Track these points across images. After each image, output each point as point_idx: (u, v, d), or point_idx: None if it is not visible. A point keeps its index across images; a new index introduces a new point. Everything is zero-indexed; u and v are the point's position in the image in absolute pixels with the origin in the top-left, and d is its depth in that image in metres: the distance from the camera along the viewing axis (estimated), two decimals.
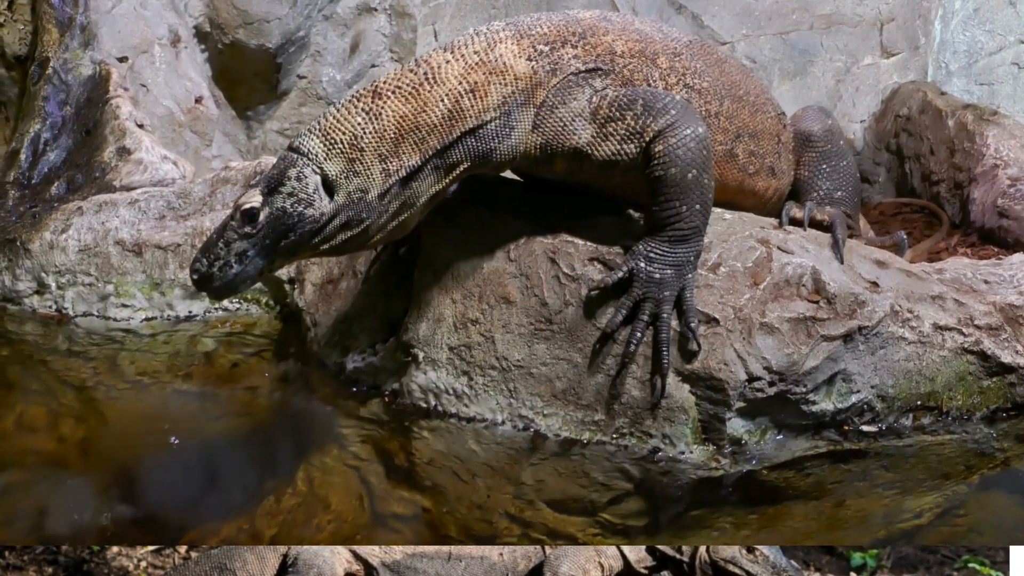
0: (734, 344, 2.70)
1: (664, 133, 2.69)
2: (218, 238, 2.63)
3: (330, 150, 2.64)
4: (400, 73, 2.73)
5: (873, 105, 5.45)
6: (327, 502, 2.63)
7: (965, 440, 2.82)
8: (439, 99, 2.68)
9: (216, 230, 2.66)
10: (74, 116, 4.20)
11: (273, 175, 2.63)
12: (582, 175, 2.86)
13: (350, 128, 2.65)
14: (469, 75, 2.71)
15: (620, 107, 2.75)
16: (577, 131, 2.78)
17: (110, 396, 3.12)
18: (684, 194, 2.69)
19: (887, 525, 2.51)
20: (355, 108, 2.67)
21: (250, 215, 2.61)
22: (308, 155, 2.64)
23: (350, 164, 2.64)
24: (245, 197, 2.62)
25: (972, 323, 2.91)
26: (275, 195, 2.61)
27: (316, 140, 2.64)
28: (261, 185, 2.63)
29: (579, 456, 2.74)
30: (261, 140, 5.19)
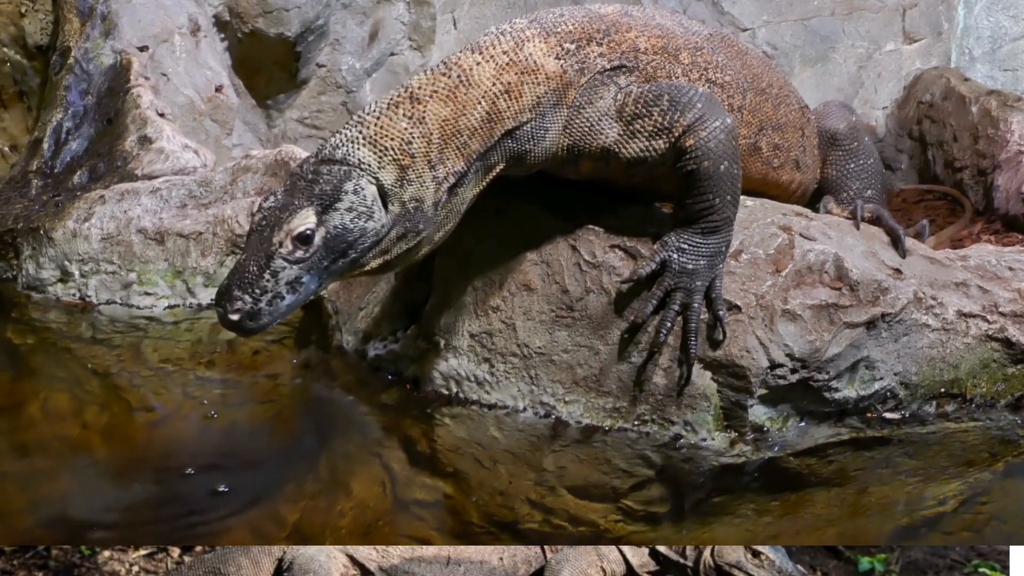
0: (756, 331, 2.69)
1: (694, 127, 2.68)
2: (261, 269, 2.42)
3: (382, 158, 2.51)
4: (432, 76, 2.64)
5: (895, 92, 5.42)
6: (349, 488, 2.64)
7: (989, 427, 2.81)
8: (476, 101, 2.62)
9: (251, 261, 2.43)
10: (96, 105, 4.22)
11: (325, 191, 2.46)
12: (607, 173, 2.84)
13: (398, 134, 2.53)
14: (502, 76, 2.66)
15: (646, 103, 2.73)
16: (604, 131, 2.76)
17: (134, 383, 3.13)
18: (717, 186, 2.69)
19: (910, 512, 2.50)
20: (397, 114, 2.56)
21: (304, 238, 2.43)
22: (361, 165, 2.50)
23: (403, 172, 2.53)
24: (296, 221, 2.42)
25: (997, 310, 2.89)
26: (331, 212, 2.45)
27: (365, 149, 2.51)
28: (311, 203, 2.45)
29: (600, 443, 2.75)
30: (281, 129, 5.20)
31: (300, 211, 2.44)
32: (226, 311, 2.41)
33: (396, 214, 2.53)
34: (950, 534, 2.41)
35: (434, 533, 2.46)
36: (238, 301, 2.40)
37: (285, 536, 2.40)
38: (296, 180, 2.51)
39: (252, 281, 2.41)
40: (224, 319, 2.43)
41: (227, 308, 2.41)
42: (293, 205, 2.45)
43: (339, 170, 2.49)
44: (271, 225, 2.44)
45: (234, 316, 2.41)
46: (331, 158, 2.52)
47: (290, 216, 2.43)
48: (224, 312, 2.41)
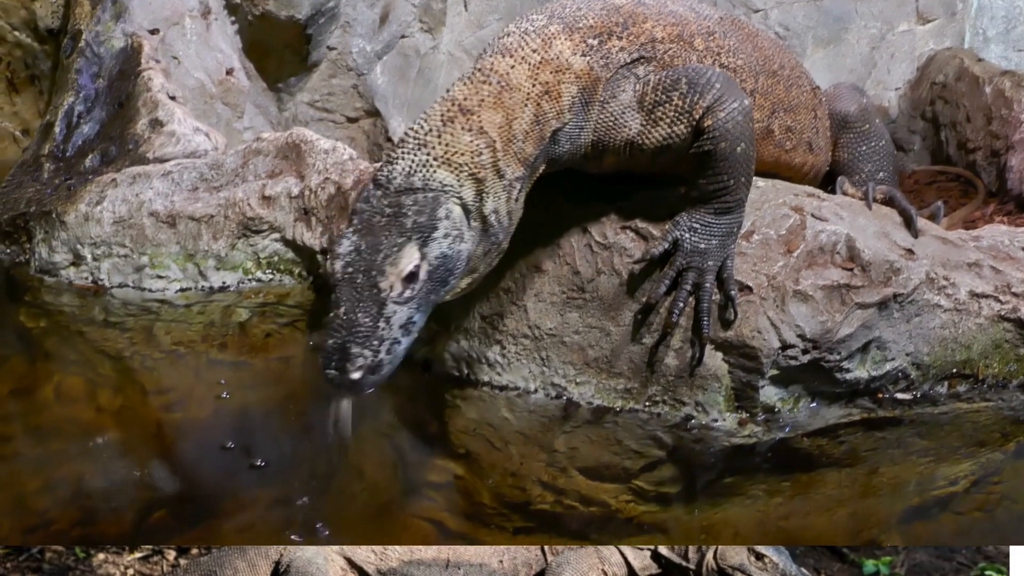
0: (767, 312, 2.69)
1: (712, 108, 2.67)
2: (375, 319, 2.30)
3: (459, 176, 2.45)
4: (473, 86, 2.58)
5: (908, 72, 5.39)
6: (361, 471, 2.65)
7: (1001, 407, 2.81)
8: (523, 104, 2.58)
9: (358, 313, 2.30)
10: (107, 89, 4.22)
11: (420, 223, 2.37)
12: (631, 165, 2.84)
13: (467, 148, 2.47)
14: (538, 76, 2.62)
15: (665, 89, 2.72)
16: (628, 123, 2.75)
17: (146, 366, 3.15)
18: (732, 167, 2.69)
19: (921, 492, 2.51)
20: (456, 129, 2.48)
21: (412, 276, 2.34)
22: (444, 188, 2.42)
23: (480, 185, 2.47)
24: (404, 261, 2.33)
25: (1009, 290, 2.88)
26: (430, 243, 2.37)
27: (443, 171, 2.43)
28: (411, 238, 2.35)
29: (612, 424, 2.75)
30: (292, 112, 5.20)
31: (403, 249, 2.34)
32: (346, 372, 2.26)
33: (479, 230, 2.49)
34: (961, 514, 2.41)
35: (445, 515, 2.46)
36: (359, 359, 2.27)
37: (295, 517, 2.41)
38: (371, 216, 2.40)
39: (368, 333, 2.28)
40: (342, 381, 2.27)
41: (347, 369, 2.26)
42: (389, 244, 2.34)
43: (427, 197, 2.41)
44: (368, 270, 2.32)
45: (356, 375, 2.26)
46: (410, 187, 2.41)
47: (394, 257, 2.33)
48: (342, 374, 2.26)
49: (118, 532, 2.35)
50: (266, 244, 3.69)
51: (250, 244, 3.69)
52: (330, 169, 3.67)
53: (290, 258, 3.70)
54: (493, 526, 2.40)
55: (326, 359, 2.29)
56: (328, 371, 2.28)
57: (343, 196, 3.58)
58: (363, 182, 3.55)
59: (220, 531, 2.34)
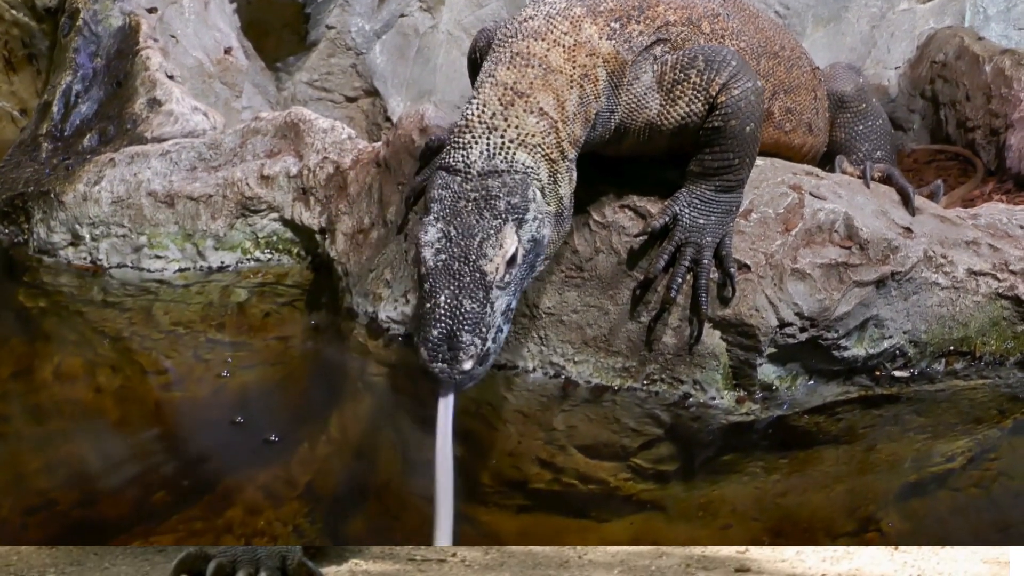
0: (765, 290, 2.70)
1: (728, 86, 2.68)
2: (481, 305, 2.21)
3: (535, 157, 2.41)
4: (518, 70, 2.52)
5: (908, 51, 5.36)
6: (361, 450, 2.66)
7: (998, 385, 2.82)
8: (569, 87, 2.56)
9: (463, 299, 2.20)
10: (105, 68, 4.21)
11: (514, 204, 2.32)
12: (649, 148, 2.84)
13: (537, 131, 2.43)
14: (576, 59, 2.61)
15: (683, 67, 2.73)
16: (649, 104, 2.75)
17: (145, 346, 3.15)
18: (740, 146, 2.70)
19: (918, 469, 2.52)
20: (520, 111, 2.44)
21: (512, 260, 2.28)
22: (527, 170, 2.38)
23: (552, 167, 2.45)
24: (508, 243, 2.27)
25: (1007, 268, 2.88)
26: (524, 226, 2.33)
27: (523, 152, 2.39)
28: (507, 220, 2.30)
29: (610, 402, 2.76)
30: (291, 91, 5.18)
31: (503, 231, 2.28)
32: (457, 362, 2.15)
33: (554, 213, 2.46)
34: (958, 491, 2.42)
35: None
36: (471, 347, 2.16)
37: (296, 496, 2.42)
38: (455, 202, 2.33)
39: (477, 320, 2.19)
40: (452, 373, 2.16)
41: (459, 359, 2.16)
42: (485, 228, 2.28)
43: (516, 179, 2.36)
44: (466, 256, 2.24)
45: (468, 364, 2.16)
46: (494, 170, 2.36)
47: (496, 240, 2.27)
48: (453, 365, 2.15)
49: (118, 512, 2.36)
50: (264, 224, 3.69)
51: (248, 224, 3.68)
52: (328, 148, 3.67)
53: (289, 238, 3.70)
54: (492, 504, 2.41)
55: (431, 352, 2.16)
56: (435, 364, 2.16)
57: (342, 175, 3.58)
58: (361, 162, 3.55)
59: (220, 509, 2.34)
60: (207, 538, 2.25)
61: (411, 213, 3.22)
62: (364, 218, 3.44)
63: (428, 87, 5.32)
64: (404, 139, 3.36)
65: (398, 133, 3.42)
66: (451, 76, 5.27)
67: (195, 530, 2.26)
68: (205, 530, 2.27)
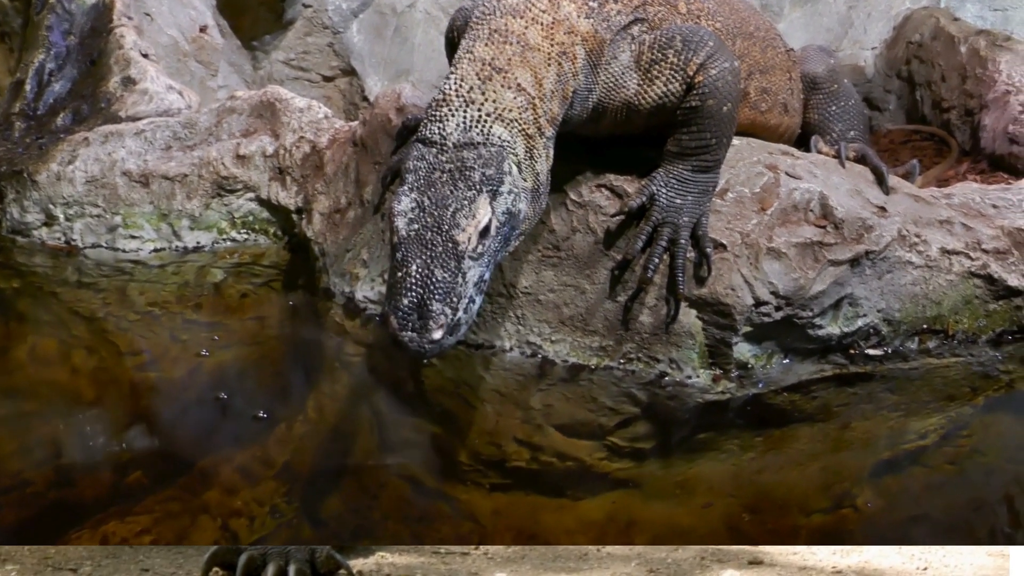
0: (741, 269, 2.71)
1: (705, 65, 2.69)
2: (454, 274, 2.21)
3: (512, 132, 2.40)
4: (495, 46, 2.52)
5: (885, 32, 5.37)
6: (337, 429, 2.66)
7: (970, 363, 2.84)
8: (547, 64, 2.56)
9: (435, 268, 2.20)
10: (78, 46, 4.17)
11: (489, 176, 2.31)
12: (626, 128, 2.84)
13: (514, 106, 2.42)
14: (553, 36, 2.60)
15: (661, 47, 2.73)
16: (626, 84, 2.75)
17: (120, 327, 3.13)
18: (716, 126, 2.71)
19: (892, 447, 2.54)
20: (497, 86, 2.43)
21: (485, 231, 2.28)
22: (504, 144, 2.37)
23: (528, 142, 2.44)
24: (480, 213, 2.26)
25: (980, 247, 2.90)
26: (498, 198, 2.32)
27: (497, 126, 2.38)
28: (482, 191, 2.29)
29: (587, 381, 2.77)
30: (267, 71, 5.14)
31: (477, 202, 2.28)
32: (427, 331, 2.15)
33: (530, 188, 2.45)
34: (931, 467, 2.44)
35: (423, 472, 2.48)
36: (440, 316, 2.16)
37: (273, 475, 2.41)
38: (430, 173, 2.32)
39: (448, 289, 2.19)
40: (421, 342, 2.15)
41: (428, 327, 2.15)
42: (458, 198, 2.27)
43: (493, 151, 2.35)
44: (439, 225, 2.23)
45: (437, 334, 2.16)
46: (470, 142, 2.35)
47: (469, 210, 2.26)
48: (422, 333, 2.15)
49: (95, 494, 2.35)
50: (241, 204, 3.68)
51: (224, 204, 3.67)
52: (305, 128, 3.65)
53: (265, 217, 3.69)
54: (470, 483, 2.42)
55: (401, 321, 2.16)
56: (404, 333, 2.16)
57: (318, 155, 3.57)
58: (338, 142, 3.54)
59: (197, 490, 2.34)
60: (183, 519, 2.24)
61: (388, 192, 3.21)
62: (341, 198, 3.43)
63: (405, 66, 5.30)
64: (381, 118, 3.35)
65: (375, 112, 3.40)
66: (429, 55, 5.25)
67: (171, 511, 2.26)
68: (181, 511, 2.26)
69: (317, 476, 2.45)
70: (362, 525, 2.27)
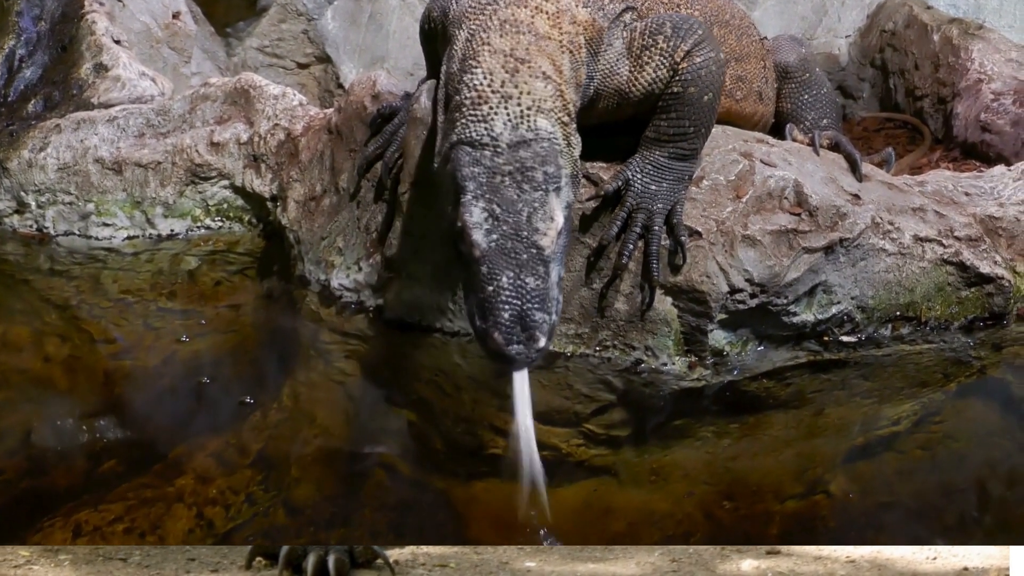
0: (716, 257, 2.71)
1: (691, 52, 2.69)
2: (544, 280, 2.16)
3: (552, 122, 2.38)
4: (511, 36, 2.49)
5: (859, 20, 5.39)
6: (313, 417, 2.66)
7: (943, 349, 2.86)
8: (560, 52, 2.55)
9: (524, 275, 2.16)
10: (49, 32, 4.13)
11: (551, 173, 2.28)
12: (615, 115, 2.84)
13: (547, 95, 2.40)
14: (560, 25, 2.61)
15: (651, 33, 2.73)
16: (619, 71, 2.75)
17: (93, 315, 3.12)
18: (696, 114, 2.72)
19: (865, 432, 2.55)
20: (527, 76, 2.41)
21: (561, 231, 2.25)
22: (552, 136, 2.35)
23: (564, 129, 2.41)
24: (556, 213, 2.23)
25: (952, 235, 2.92)
26: (560, 192, 2.29)
27: (540, 118, 2.35)
28: (547, 189, 2.25)
29: (562, 369, 2.77)
30: (241, 57, 5.11)
31: (549, 203, 2.24)
32: (534, 342, 2.11)
33: (572, 175, 2.41)
34: (904, 453, 2.46)
35: (399, 460, 2.48)
36: (544, 324, 2.12)
37: (249, 463, 2.41)
38: (490, 178, 2.27)
39: (543, 296, 2.15)
40: (527, 355, 2.11)
41: (535, 338, 2.11)
42: (529, 201, 2.23)
43: (545, 147, 2.32)
44: (516, 232, 2.20)
45: (543, 342, 2.12)
46: (522, 140, 2.31)
47: (545, 212, 2.23)
48: (530, 345, 2.11)
49: (68, 482, 2.34)
50: (215, 191, 3.66)
51: (199, 191, 3.65)
52: (280, 115, 3.64)
53: (240, 205, 3.67)
54: (446, 471, 2.42)
55: (506, 336, 2.11)
56: (511, 347, 2.11)
57: (293, 142, 3.55)
58: (313, 129, 3.52)
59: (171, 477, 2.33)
60: (158, 507, 2.23)
61: (363, 181, 3.20)
62: (316, 185, 3.41)
63: (381, 53, 5.27)
64: (356, 106, 3.34)
65: (350, 100, 3.39)
66: (404, 42, 5.23)
67: (145, 498, 2.25)
68: (155, 498, 2.26)
69: (293, 464, 2.44)
70: (338, 514, 2.27)
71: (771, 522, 2.24)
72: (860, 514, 2.25)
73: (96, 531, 2.18)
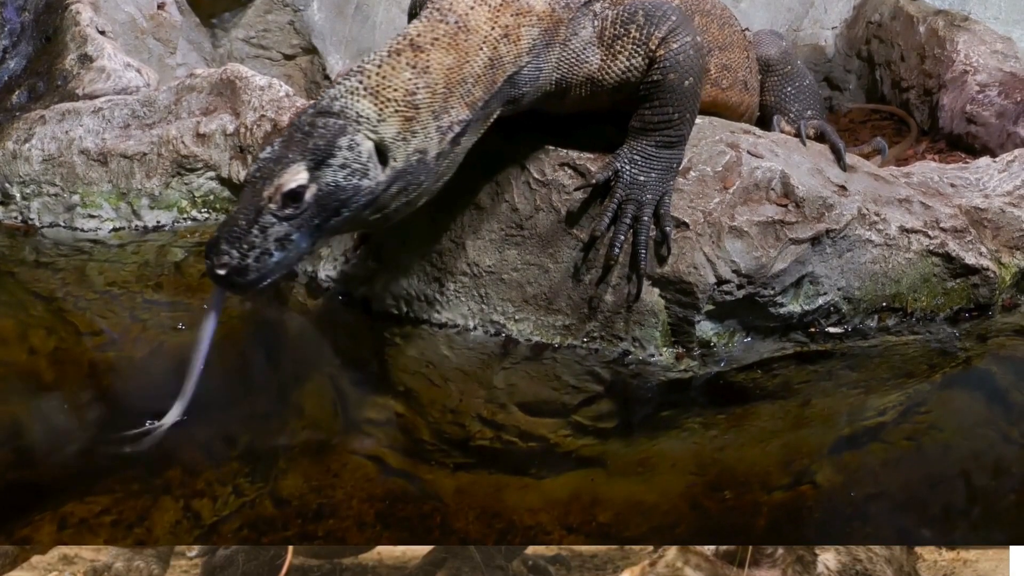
0: (704, 248, 2.72)
1: (667, 39, 2.69)
2: (249, 224, 2.33)
3: (383, 110, 2.43)
4: (430, 23, 2.56)
5: (845, 11, 5.40)
6: (301, 409, 2.66)
7: (928, 340, 2.88)
8: (478, 47, 2.56)
9: (239, 215, 2.34)
10: (33, 23, 4.11)
11: (318, 146, 2.37)
12: (592, 104, 2.84)
13: (402, 84, 2.45)
14: (498, 18, 2.61)
15: (623, 22, 2.73)
16: (589, 59, 2.75)
17: (79, 307, 3.10)
18: (679, 101, 2.72)
19: (851, 423, 2.57)
20: (399, 63, 2.47)
21: (294, 195, 2.34)
22: (359, 119, 2.41)
23: (407, 124, 2.45)
24: (286, 176, 2.34)
25: (938, 226, 2.93)
26: (323, 169, 2.36)
27: (366, 101, 2.43)
28: (303, 159, 2.36)
29: (550, 360, 2.77)
30: (227, 48, 5.09)
31: (291, 166, 2.35)
32: (213, 264, 2.33)
33: (398, 169, 2.46)
34: (890, 443, 2.47)
35: (386, 451, 2.47)
36: (224, 255, 2.31)
37: (236, 455, 2.41)
38: (293, 131, 2.42)
39: (240, 236, 2.32)
40: (212, 273, 2.34)
41: (214, 261, 2.32)
42: (286, 159, 2.36)
43: (334, 124, 2.40)
44: (263, 178, 2.35)
45: (221, 271, 2.32)
46: (328, 110, 2.43)
47: (281, 171, 2.35)
48: (212, 265, 2.33)
49: (55, 475, 2.34)
50: (201, 182, 3.64)
51: (185, 182, 3.63)
52: (266, 106, 3.62)
53: (226, 196, 3.66)
54: (433, 463, 2.42)
55: (206, 249, 2.35)
56: (205, 260, 2.36)
57: (280, 134, 3.53)
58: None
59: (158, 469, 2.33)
60: (145, 499, 2.23)
61: None
62: None
63: (367, 45, 5.26)
64: None
65: None
66: (390, 33, 5.13)
67: (133, 491, 2.25)
68: (142, 490, 2.26)
69: (280, 456, 2.44)
70: (325, 504, 2.27)
71: (758, 513, 2.25)
72: (846, 504, 2.26)
73: (82, 523, 2.18)
